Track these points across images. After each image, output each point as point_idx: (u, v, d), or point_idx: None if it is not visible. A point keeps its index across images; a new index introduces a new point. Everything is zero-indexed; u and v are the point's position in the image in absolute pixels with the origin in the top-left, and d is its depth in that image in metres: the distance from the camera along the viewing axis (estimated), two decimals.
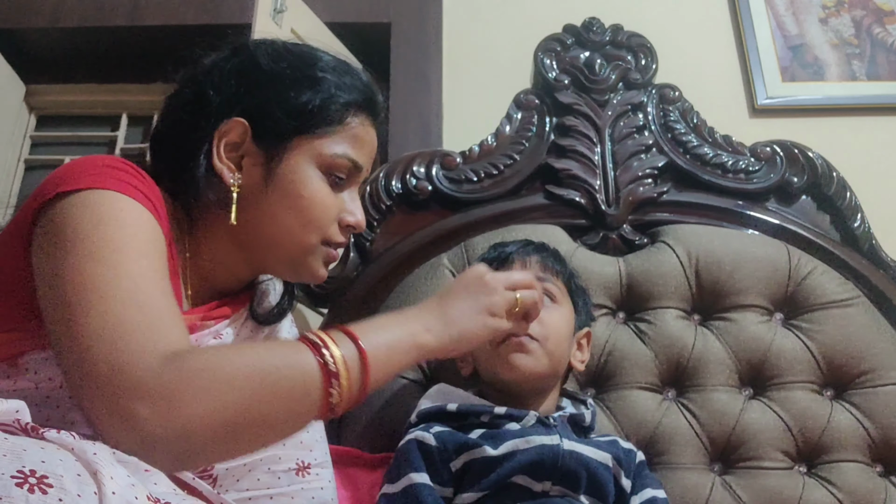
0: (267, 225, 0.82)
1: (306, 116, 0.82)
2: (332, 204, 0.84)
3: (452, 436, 0.94)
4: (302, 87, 0.83)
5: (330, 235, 0.84)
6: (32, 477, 0.56)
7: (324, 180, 0.83)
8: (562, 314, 1.02)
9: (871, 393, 1.21)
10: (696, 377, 1.22)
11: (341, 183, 0.85)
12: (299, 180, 0.82)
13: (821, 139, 1.50)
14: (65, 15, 1.79)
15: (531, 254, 1.04)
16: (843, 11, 1.75)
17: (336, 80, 0.85)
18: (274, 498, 0.85)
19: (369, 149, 0.87)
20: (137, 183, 0.72)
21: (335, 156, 0.83)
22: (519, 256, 1.04)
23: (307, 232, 0.82)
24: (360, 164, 0.85)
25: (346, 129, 0.84)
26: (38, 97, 1.93)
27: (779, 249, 1.31)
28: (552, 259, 1.06)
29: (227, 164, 0.82)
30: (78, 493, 0.59)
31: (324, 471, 0.91)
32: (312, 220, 0.82)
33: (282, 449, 0.87)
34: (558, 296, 1.02)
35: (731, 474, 1.18)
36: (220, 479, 0.83)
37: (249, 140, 0.82)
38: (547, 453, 0.91)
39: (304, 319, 1.39)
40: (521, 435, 0.92)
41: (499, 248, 1.08)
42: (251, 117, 0.81)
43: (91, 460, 0.65)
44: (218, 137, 0.81)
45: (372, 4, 1.78)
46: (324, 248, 0.85)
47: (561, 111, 1.46)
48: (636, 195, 1.38)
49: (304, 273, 0.86)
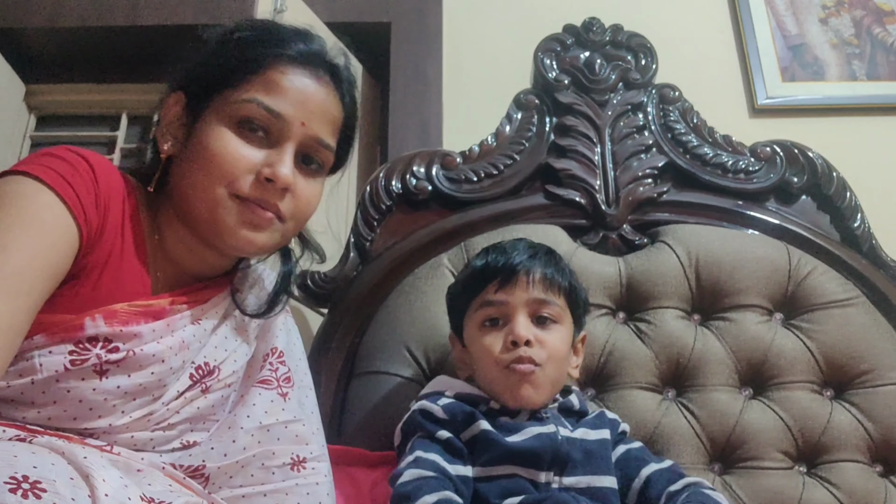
0: (183, 187, 0.83)
1: (221, 73, 0.84)
2: (241, 155, 0.81)
3: (460, 406, 0.95)
4: (222, 48, 0.86)
5: (238, 188, 0.80)
6: (25, 482, 0.57)
7: (234, 133, 0.82)
8: (562, 335, 1.00)
9: (871, 393, 1.21)
10: (696, 377, 1.22)
11: (260, 136, 0.83)
12: (206, 135, 0.82)
13: (821, 139, 1.50)
14: (64, 15, 1.79)
15: (536, 269, 1.00)
16: (843, 11, 1.75)
17: (252, 34, 0.87)
18: (268, 495, 0.84)
19: (294, 96, 0.84)
20: (68, 173, 0.74)
21: (241, 101, 0.82)
22: (524, 272, 0.99)
23: (210, 184, 0.80)
24: (274, 110, 0.82)
25: (259, 77, 0.83)
26: (37, 97, 1.93)
27: (779, 249, 1.31)
28: (556, 272, 1.02)
29: (164, 137, 0.85)
30: (72, 497, 0.59)
31: (320, 464, 0.90)
32: (214, 171, 0.80)
33: (276, 444, 0.87)
34: (560, 315, 1.00)
35: (731, 474, 1.18)
36: (213, 477, 0.83)
37: (183, 110, 0.85)
38: (545, 440, 0.91)
39: (304, 319, 1.39)
40: (515, 426, 0.93)
41: (503, 256, 1.02)
42: (186, 89, 0.85)
43: (82, 464, 0.65)
44: (161, 115, 0.85)
45: (372, 4, 1.78)
46: (237, 205, 0.81)
47: (561, 111, 1.46)
48: (636, 195, 1.38)
49: (222, 231, 0.82)
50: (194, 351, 0.84)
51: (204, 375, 0.85)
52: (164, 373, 0.79)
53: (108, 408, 0.75)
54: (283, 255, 0.97)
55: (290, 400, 0.92)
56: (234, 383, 0.90)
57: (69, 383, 0.72)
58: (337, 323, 1.28)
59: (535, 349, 0.95)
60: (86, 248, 0.75)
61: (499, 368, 0.96)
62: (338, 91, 0.90)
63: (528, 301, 0.98)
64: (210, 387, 0.86)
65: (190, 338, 0.83)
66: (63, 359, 0.72)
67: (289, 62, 0.85)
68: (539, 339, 0.96)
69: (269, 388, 0.91)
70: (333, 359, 1.25)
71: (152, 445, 0.80)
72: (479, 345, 0.99)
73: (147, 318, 0.79)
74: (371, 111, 1.82)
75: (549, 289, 1.00)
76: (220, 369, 0.87)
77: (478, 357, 1.00)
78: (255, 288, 0.97)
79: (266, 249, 0.87)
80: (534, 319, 0.98)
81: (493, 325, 0.99)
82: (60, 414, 0.73)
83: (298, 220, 0.88)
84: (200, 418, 0.85)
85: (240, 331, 0.92)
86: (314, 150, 0.87)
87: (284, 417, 0.89)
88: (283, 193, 0.83)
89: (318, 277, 1.31)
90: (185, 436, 0.84)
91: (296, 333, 1.03)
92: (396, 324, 1.24)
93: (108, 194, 0.78)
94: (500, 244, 1.07)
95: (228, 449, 0.84)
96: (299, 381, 0.97)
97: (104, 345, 0.74)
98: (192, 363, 0.84)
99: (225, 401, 0.89)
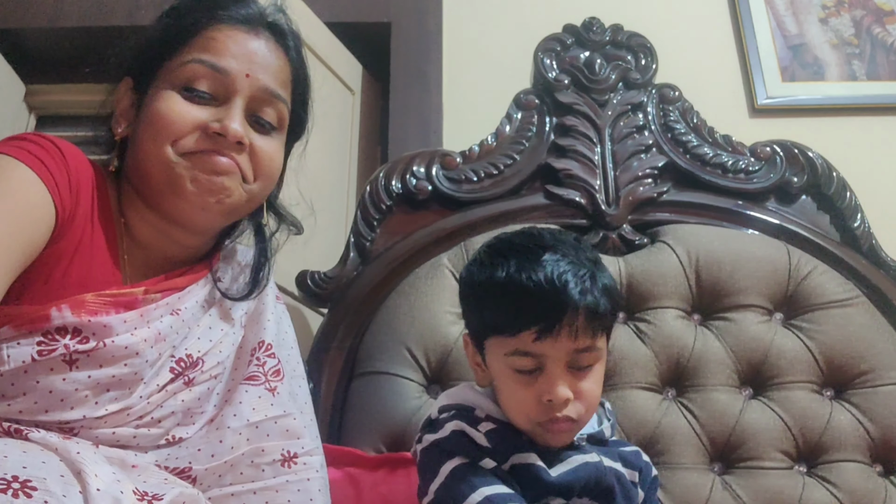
0: (136, 159, 0.82)
1: (160, 46, 0.84)
2: (186, 112, 0.80)
3: (505, 436, 0.83)
4: (159, 23, 0.87)
5: (184, 144, 0.79)
6: (16, 482, 0.57)
7: (179, 97, 0.81)
8: (599, 375, 0.84)
9: (870, 393, 1.21)
10: (696, 377, 1.22)
11: (208, 96, 0.82)
12: (152, 103, 0.81)
13: (821, 139, 1.50)
14: (65, 15, 1.79)
15: (585, 308, 0.79)
16: (843, 11, 1.75)
17: (184, 2, 0.87)
18: (258, 493, 0.81)
19: (236, 51, 0.83)
20: (43, 156, 0.74)
21: (182, 64, 0.82)
22: (570, 316, 0.79)
23: (158, 146, 0.79)
24: (218, 65, 0.82)
25: (198, 39, 0.83)
26: (37, 97, 1.93)
27: (779, 249, 1.31)
28: (608, 303, 0.82)
29: (117, 122, 0.85)
30: (63, 494, 0.60)
31: (312, 458, 0.87)
32: (160, 133, 0.79)
33: (266, 440, 0.84)
34: (600, 356, 0.84)
35: (731, 474, 1.18)
36: (200, 478, 0.81)
37: (132, 92, 0.86)
38: (591, 471, 0.83)
39: (304, 319, 1.39)
40: (560, 455, 0.83)
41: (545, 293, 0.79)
42: (132, 73, 0.87)
43: (75, 459, 0.65)
44: (114, 104, 0.87)
45: (372, 4, 1.78)
46: (188, 160, 0.80)
47: (561, 111, 1.46)
48: (636, 195, 1.38)
49: (180, 192, 0.80)
50: (173, 343, 0.81)
51: (186, 368, 0.82)
52: (138, 365, 0.77)
53: (80, 398, 0.73)
54: (257, 231, 0.94)
55: (280, 394, 0.88)
56: (220, 374, 0.87)
57: (38, 374, 0.71)
58: (337, 323, 1.28)
59: (573, 406, 0.81)
60: (59, 230, 0.74)
61: (531, 423, 0.83)
62: (281, 44, 0.89)
63: (570, 352, 0.80)
64: (194, 379, 0.83)
65: (167, 329, 0.80)
66: (31, 349, 0.70)
67: (226, 21, 0.85)
68: (577, 391, 0.81)
69: (257, 384, 0.88)
70: (333, 359, 1.25)
71: (136, 443, 0.78)
72: (509, 390, 0.84)
73: (118, 308, 0.77)
74: (371, 111, 1.82)
75: (596, 331, 0.81)
76: (205, 361, 0.84)
77: (507, 401, 0.85)
78: (235, 269, 0.94)
79: (233, 205, 0.83)
80: (573, 367, 0.82)
81: (526, 372, 0.82)
82: (31, 406, 0.71)
83: (264, 179, 0.85)
84: (186, 412, 0.83)
85: (225, 319, 0.89)
86: (265, 102, 0.85)
87: (273, 413, 0.86)
88: (239, 148, 0.82)
89: (318, 277, 1.31)
90: (171, 431, 0.81)
91: (287, 321, 0.99)
92: (396, 324, 1.24)
93: (78, 181, 0.77)
94: (533, 253, 0.82)
95: (216, 450, 0.82)
96: (291, 370, 0.94)
97: (73, 335, 0.72)
98: (172, 356, 0.81)
99: (211, 393, 0.86)
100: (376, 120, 1.82)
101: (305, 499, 0.84)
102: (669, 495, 1.14)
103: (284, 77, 0.88)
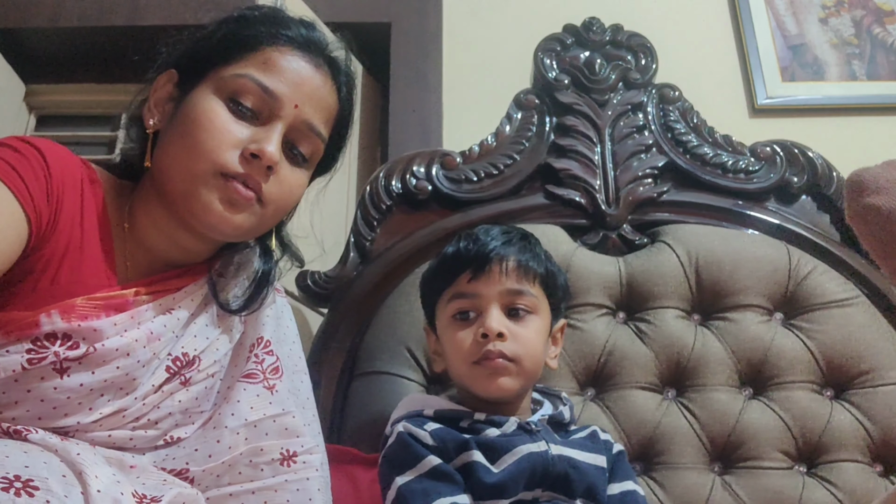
0: (164, 161, 0.80)
1: (216, 49, 0.83)
2: (229, 130, 0.79)
3: (450, 433, 0.89)
4: (220, 26, 0.85)
5: (224, 163, 0.77)
6: (18, 481, 0.57)
7: (224, 107, 0.80)
8: (537, 326, 0.95)
9: (870, 393, 1.21)
10: (696, 377, 1.22)
11: (251, 114, 0.81)
12: (194, 107, 0.80)
13: (821, 139, 1.50)
14: (65, 15, 1.79)
15: (510, 257, 0.95)
16: (843, 11, 1.75)
17: (251, 14, 0.86)
18: (256, 493, 0.80)
19: (290, 77, 0.82)
20: (17, 162, 0.72)
21: (235, 76, 0.80)
22: (497, 261, 0.94)
23: (194, 157, 0.77)
24: (269, 87, 0.80)
25: (256, 55, 0.82)
26: (37, 97, 1.93)
27: (779, 249, 1.31)
28: (532, 259, 0.97)
29: (150, 113, 0.84)
30: (65, 494, 0.60)
31: (312, 457, 0.86)
32: (199, 144, 0.77)
33: (265, 439, 0.83)
34: (535, 305, 0.95)
35: (731, 474, 1.18)
36: (198, 479, 0.80)
37: (175, 87, 0.84)
38: (536, 461, 0.87)
39: (304, 319, 1.39)
40: (506, 446, 0.88)
41: (475, 244, 0.96)
42: (178, 67, 0.85)
43: (75, 460, 0.65)
44: (150, 93, 0.85)
45: (372, 4, 1.78)
46: (220, 182, 0.78)
47: (561, 111, 1.46)
48: (636, 195, 1.38)
49: (198, 209, 0.79)
50: (168, 342, 0.80)
51: (182, 367, 0.81)
52: (130, 367, 0.76)
53: (74, 406, 0.72)
54: (264, 253, 0.92)
55: (279, 392, 0.87)
56: (217, 373, 0.86)
57: (29, 383, 0.70)
58: (337, 323, 1.28)
59: (507, 343, 0.91)
60: (36, 240, 0.73)
61: (469, 363, 0.92)
62: (335, 82, 0.88)
63: (502, 292, 0.93)
64: (191, 378, 0.82)
65: (160, 328, 0.79)
66: (20, 358, 0.69)
67: (287, 43, 0.83)
68: (512, 332, 0.92)
69: (255, 381, 0.87)
70: (333, 359, 1.25)
71: (133, 444, 0.77)
72: (450, 338, 0.95)
73: (108, 312, 0.76)
74: (371, 111, 1.82)
75: (523, 278, 0.95)
76: (201, 359, 0.83)
77: (449, 351, 0.96)
78: (241, 273, 0.92)
79: (241, 231, 0.83)
80: (507, 311, 0.94)
81: (465, 318, 0.94)
82: (24, 414, 0.70)
83: (278, 206, 0.84)
84: (185, 413, 0.82)
85: (223, 317, 0.88)
86: (304, 135, 0.84)
87: (272, 411, 0.85)
88: (268, 173, 0.80)
89: (318, 277, 1.31)
90: (169, 432, 0.81)
91: (288, 315, 0.98)
92: (397, 324, 1.24)
93: (61, 184, 0.75)
94: (472, 230, 1.01)
95: (213, 450, 0.81)
96: (292, 366, 0.93)
97: (63, 341, 0.71)
98: (169, 355, 0.81)
99: (209, 392, 0.85)
100: (376, 120, 1.82)
101: (304, 498, 0.83)
102: (669, 495, 1.14)
103: (329, 115, 0.88)
